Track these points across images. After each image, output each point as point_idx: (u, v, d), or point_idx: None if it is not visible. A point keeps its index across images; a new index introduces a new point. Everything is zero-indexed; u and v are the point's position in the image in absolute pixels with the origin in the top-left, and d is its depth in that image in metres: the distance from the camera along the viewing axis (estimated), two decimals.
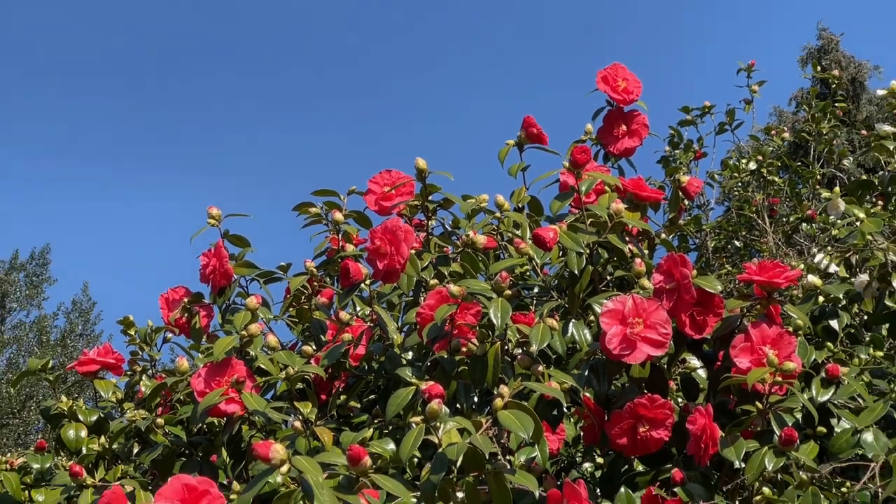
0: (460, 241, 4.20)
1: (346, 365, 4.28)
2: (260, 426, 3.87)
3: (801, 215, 6.69)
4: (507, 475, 3.33)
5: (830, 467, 3.44)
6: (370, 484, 3.14)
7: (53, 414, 4.95)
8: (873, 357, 4.21)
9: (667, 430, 3.72)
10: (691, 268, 3.87)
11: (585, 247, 4.03)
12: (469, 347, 3.82)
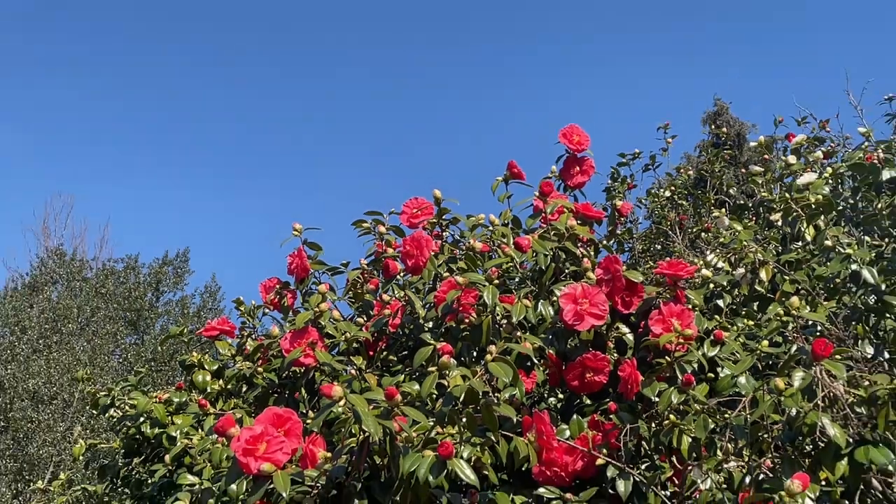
0: (465, 247, 4.34)
1: (386, 331, 4.48)
2: (327, 373, 3.96)
3: (700, 228, 6.72)
4: (494, 407, 3.41)
5: (716, 401, 3.51)
6: (401, 413, 3.21)
7: (188, 364, 5.29)
8: (746, 325, 4.27)
9: (605, 376, 4.01)
10: (622, 265, 4.22)
11: (550, 250, 4.25)
12: (470, 319, 3.98)
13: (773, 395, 3.42)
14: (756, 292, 4.75)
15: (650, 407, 3.84)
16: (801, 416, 3.34)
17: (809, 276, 4.96)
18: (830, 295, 4.87)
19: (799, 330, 4.25)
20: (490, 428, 3.68)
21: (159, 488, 4.97)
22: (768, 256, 4.98)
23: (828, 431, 3.29)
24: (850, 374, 3.50)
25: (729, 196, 8.73)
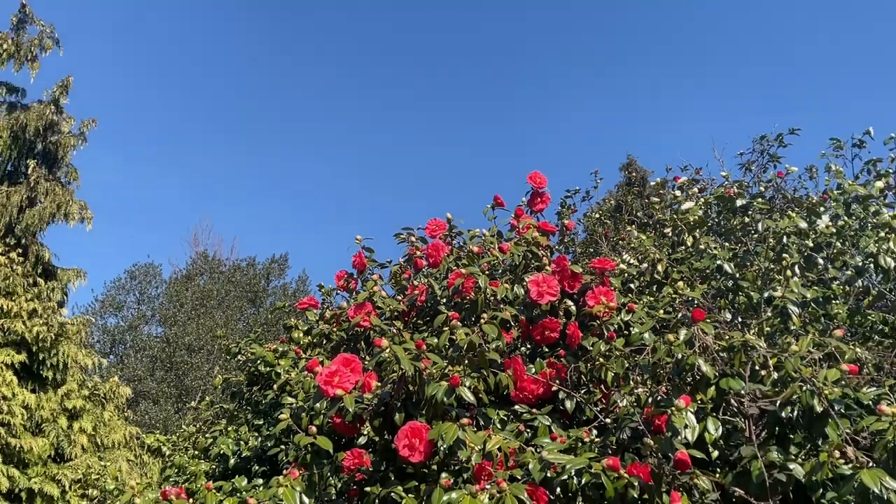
0: (466, 250, 4.30)
1: (416, 304, 4.46)
2: (378, 332, 3.94)
3: (618, 238, 6.66)
4: (486, 353, 3.45)
5: (629, 349, 3.48)
6: (426, 356, 3.39)
7: (288, 326, 5.40)
8: (649, 300, 4.26)
9: (557, 333, 4.01)
10: (568, 262, 4.26)
11: (521, 252, 4.31)
12: (470, 297, 3.99)
13: (667, 345, 3.41)
14: (655, 279, 4.76)
15: (587, 353, 3.82)
16: (684, 358, 3.34)
17: (689, 268, 4.96)
18: (703, 280, 4.87)
19: (683, 303, 4.25)
20: (483, 367, 3.68)
21: (269, 406, 5.03)
22: (662, 256, 4.98)
23: (702, 368, 3.28)
24: (717, 331, 3.51)
25: (637, 217, 8.71)
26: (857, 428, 2.97)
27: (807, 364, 3.27)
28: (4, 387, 9.01)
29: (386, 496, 3.41)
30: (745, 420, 3.23)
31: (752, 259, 5.16)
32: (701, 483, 3.09)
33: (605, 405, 3.66)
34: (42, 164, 10.87)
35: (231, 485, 3.92)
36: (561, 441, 3.34)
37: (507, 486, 3.06)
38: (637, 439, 3.32)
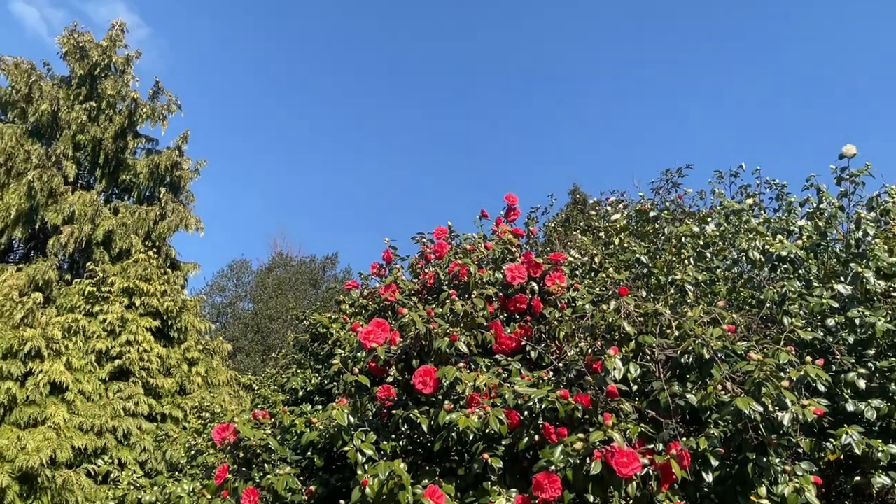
0: (462, 248, 4.28)
1: (427, 286, 4.39)
2: (400, 304, 3.89)
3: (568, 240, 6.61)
4: (475, 319, 3.30)
5: (575, 315, 3.49)
6: (434, 320, 3.38)
7: (338, 301, 5.36)
8: (589, 282, 4.20)
9: (525, 305, 3.96)
10: (532, 255, 4.12)
11: (500, 249, 4.19)
12: (464, 280, 3.97)
13: (601, 312, 3.40)
14: (592, 268, 4.72)
15: (546, 319, 3.79)
16: (613, 322, 3.33)
17: (617, 260, 4.94)
18: (626, 268, 4.84)
19: (612, 284, 4.23)
20: (473, 328, 3.67)
21: (325, 356, 5.02)
22: (598, 252, 4.96)
23: (626, 328, 3.27)
24: (636, 303, 3.49)
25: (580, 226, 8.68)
26: (733, 369, 2.96)
27: (698, 325, 3.26)
28: (145, 343, 9.03)
29: (406, 417, 3.40)
30: (655, 364, 3.22)
31: (660, 253, 5.15)
32: (625, 407, 3.09)
33: (558, 354, 3.63)
34: (169, 190, 10.87)
35: (300, 409, 3.91)
36: (528, 379, 3.34)
37: (490, 409, 3.06)
38: (581, 377, 3.31)
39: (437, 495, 2.87)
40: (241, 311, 29.05)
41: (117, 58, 11.32)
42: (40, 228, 9.94)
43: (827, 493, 3.55)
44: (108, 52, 11.02)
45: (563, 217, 10.03)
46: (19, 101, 10.68)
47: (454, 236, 4.72)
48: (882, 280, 4.03)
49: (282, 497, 3.37)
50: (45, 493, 7.34)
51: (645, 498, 2.65)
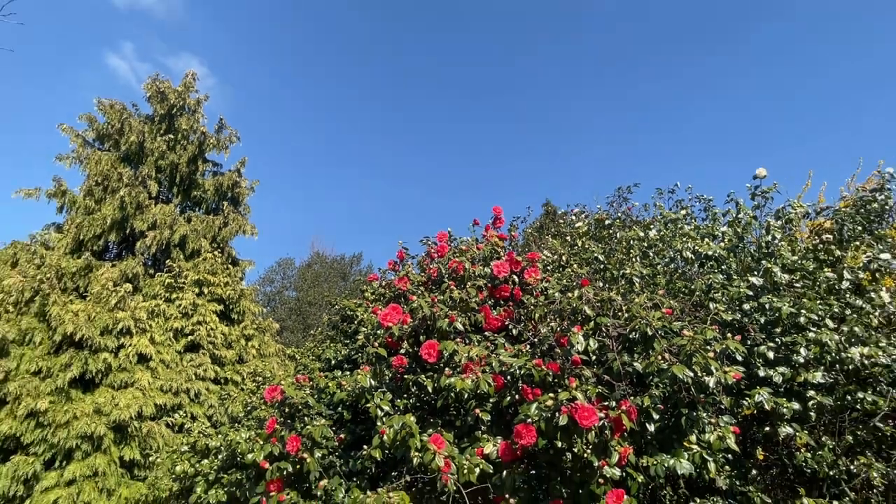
0: (459, 250, 4.19)
1: (431, 278, 4.33)
2: (411, 292, 3.89)
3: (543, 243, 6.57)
4: (469, 304, 3.26)
5: (548, 301, 3.45)
6: (437, 305, 3.17)
7: (362, 290, 5.23)
8: (558, 275, 4.17)
9: (508, 293, 3.96)
10: (514, 255, 4.06)
11: (489, 249, 4.15)
12: (461, 273, 4.01)
13: (567, 299, 3.38)
14: (561, 264, 4.69)
15: (524, 304, 3.76)
16: (577, 306, 3.31)
17: (580, 258, 4.92)
18: (587, 265, 4.82)
19: (576, 277, 4.22)
20: (468, 311, 3.66)
21: (352, 333, 4.96)
22: (565, 252, 4.94)
23: (586, 311, 3.26)
24: (594, 292, 3.48)
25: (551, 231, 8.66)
26: (670, 343, 2.96)
27: (643, 309, 3.25)
28: (212, 323, 8.99)
29: (415, 380, 3.40)
30: (610, 339, 3.21)
31: (614, 253, 5.13)
32: (586, 373, 3.08)
33: (534, 332, 3.62)
34: (230, 204, 10.83)
35: (332, 374, 3.90)
36: (510, 351, 3.33)
37: (480, 374, 3.05)
38: (551, 350, 3.31)
39: (439, 441, 2.87)
40: (286, 297, 28.94)
41: (190, 100, 11.29)
42: (130, 233, 9.92)
43: (743, 440, 3.55)
44: (182, 96, 11.00)
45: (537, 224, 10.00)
46: (113, 133, 10.66)
47: (453, 239, 4.71)
48: (786, 274, 4.02)
49: (318, 443, 3.37)
50: (134, 440, 7.33)
51: (601, 444, 2.65)
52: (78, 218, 9.36)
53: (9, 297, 7.89)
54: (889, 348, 3.52)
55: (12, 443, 6.77)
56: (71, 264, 8.67)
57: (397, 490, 2.89)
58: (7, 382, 7.04)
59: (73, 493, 6.48)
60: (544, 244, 5.76)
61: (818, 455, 3.34)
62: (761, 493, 3.22)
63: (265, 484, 3.34)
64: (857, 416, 3.57)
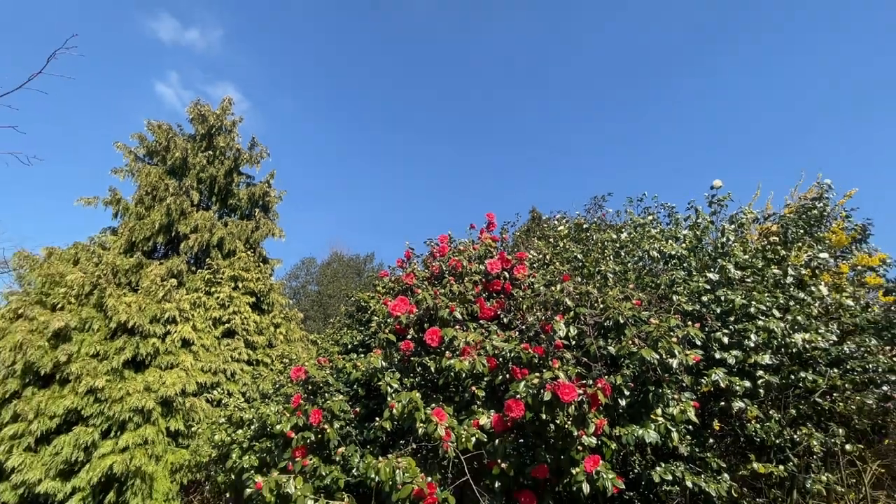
0: (457, 250, 4.14)
1: (434, 274, 4.28)
2: (416, 286, 3.84)
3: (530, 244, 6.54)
4: (466, 296, 3.24)
5: (534, 294, 3.48)
6: (440, 297, 3.06)
7: (375, 284, 5.05)
8: (543, 272, 4.16)
9: (500, 287, 3.92)
10: (505, 254, 4.03)
11: (483, 250, 4.15)
12: (459, 270, 3.99)
13: (551, 292, 3.38)
14: (545, 262, 4.67)
15: (514, 297, 3.75)
16: (559, 298, 3.31)
17: (561, 257, 4.91)
18: (567, 262, 4.82)
19: (558, 273, 4.22)
20: (465, 303, 3.64)
21: (366, 321, 4.92)
22: (549, 251, 4.93)
23: (567, 303, 3.25)
24: (574, 286, 3.47)
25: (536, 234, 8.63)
26: (639, 330, 2.96)
27: (616, 300, 3.25)
28: (245, 313, 8.98)
29: (420, 362, 3.39)
30: (587, 327, 3.21)
31: (590, 253, 5.12)
32: (566, 356, 3.08)
33: (522, 320, 3.62)
34: (261, 210, 10.82)
35: (349, 357, 3.90)
36: (501, 336, 3.31)
37: (476, 357, 3.05)
38: (537, 336, 3.30)
39: (441, 414, 2.86)
40: (309, 291, 28.82)
41: (226, 121, 11.28)
42: (175, 236, 9.91)
43: (702, 414, 3.54)
44: (220, 118, 11.00)
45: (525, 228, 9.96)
46: (161, 150, 10.66)
47: (452, 241, 4.68)
48: (739, 270, 4.02)
49: (337, 415, 3.37)
50: (178, 413, 7.32)
51: (580, 416, 2.65)
52: (130, 223, 9.37)
53: (71, 291, 7.89)
54: (827, 334, 3.53)
55: (74, 415, 6.76)
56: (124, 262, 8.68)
57: (405, 456, 2.89)
58: (70, 364, 7.04)
59: (126, 459, 6.48)
60: (531, 245, 5.76)
61: (766, 426, 3.34)
62: (717, 459, 3.22)
63: (291, 450, 3.34)
64: (800, 393, 3.59)
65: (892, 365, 3.46)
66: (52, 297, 7.88)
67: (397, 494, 2.60)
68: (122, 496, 6.48)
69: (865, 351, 3.58)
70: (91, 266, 8.41)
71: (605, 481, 2.52)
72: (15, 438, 6.43)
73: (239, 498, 4.45)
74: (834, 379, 3.43)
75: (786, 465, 3.35)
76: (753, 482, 3.56)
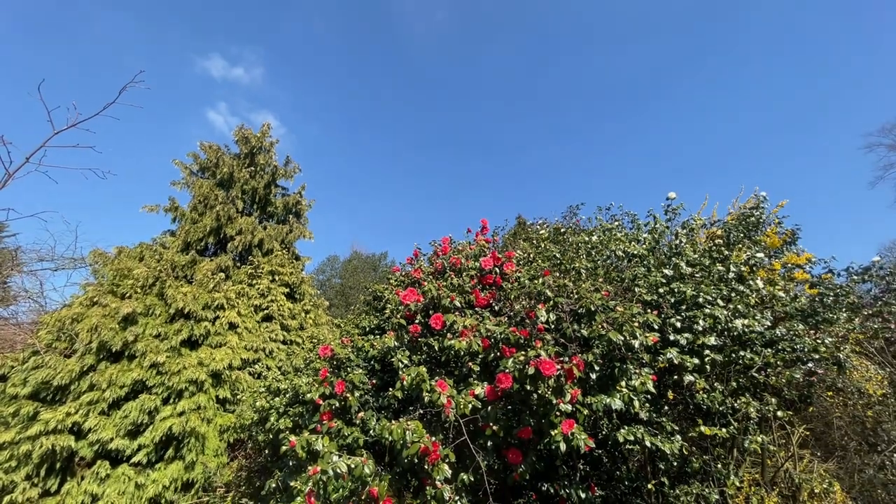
0: (457, 249, 4.10)
1: (437, 269, 4.21)
2: (423, 280, 3.79)
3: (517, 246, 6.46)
4: (464, 287, 3.21)
5: (520, 286, 3.40)
6: (442, 289, 3.02)
7: (388, 278, 4.86)
8: (529, 268, 4.11)
9: (492, 280, 3.87)
10: (496, 253, 3.97)
11: (478, 249, 4.07)
12: (458, 266, 3.91)
13: (534, 284, 3.38)
14: (529, 260, 4.61)
15: (503, 289, 3.74)
16: (541, 290, 3.30)
17: (542, 256, 4.88)
18: (548, 260, 4.79)
19: (540, 269, 4.19)
20: (463, 293, 3.64)
21: (381, 308, 4.85)
22: (532, 251, 4.90)
23: (547, 293, 3.24)
24: (553, 279, 3.46)
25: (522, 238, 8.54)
26: (608, 316, 2.96)
27: (588, 292, 3.24)
28: (281, 301, 8.99)
29: (426, 342, 3.39)
30: (564, 313, 3.21)
31: (567, 252, 5.10)
32: (547, 337, 3.07)
33: (510, 308, 3.62)
34: (294, 216, 10.82)
35: (367, 338, 3.89)
36: (493, 321, 3.32)
37: (472, 338, 3.05)
38: (523, 321, 3.30)
39: (443, 385, 2.87)
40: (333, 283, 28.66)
41: (266, 143, 11.30)
42: (223, 237, 9.92)
43: (659, 385, 3.53)
44: (260, 140, 11.02)
45: (513, 232, 9.92)
46: (211, 166, 10.69)
47: (453, 242, 4.65)
48: (689, 267, 4.01)
49: (357, 386, 3.37)
50: (226, 384, 7.34)
51: (558, 387, 2.65)
52: (186, 226, 9.41)
53: (137, 283, 7.91)
54: (762, 320, 3.52)
55: (140, 386, 6.78)
56: (181, 259, 8.70)
57: (413, 420, 2.90)
58: (136, 343, 7.06)
59: (182, 421, 6.49)
60: (517, 246, 5.71)
61: (712, 396, 3.34)
62: (671, 423, 3.21)
63: (319, 415, 3.34)
64: (739, 369, 3.57)
65: (816, 346, 3.46)
66: (121, 288, 7.90)
67: (407, 451, 2.61)
68: (180, 451, 6.50)
69: (794, 334, 3.58)
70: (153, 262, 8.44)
71: (578, 441, 2.53)
72: (91, 404, 6.46)
73: (276, 453, 4.45)
74: (768, 357, 3.42)
75: (728, 428, 3.34)
76: (701, 442, 3.56)
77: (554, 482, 3.03)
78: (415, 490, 2.88)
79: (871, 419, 3.93)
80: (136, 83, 2.34)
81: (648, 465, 3.46)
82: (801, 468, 3.68)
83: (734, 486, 3.29)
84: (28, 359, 6.60)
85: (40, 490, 5.58)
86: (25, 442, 5.78)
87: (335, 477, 2.55)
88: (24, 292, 9.61)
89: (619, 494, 3.36)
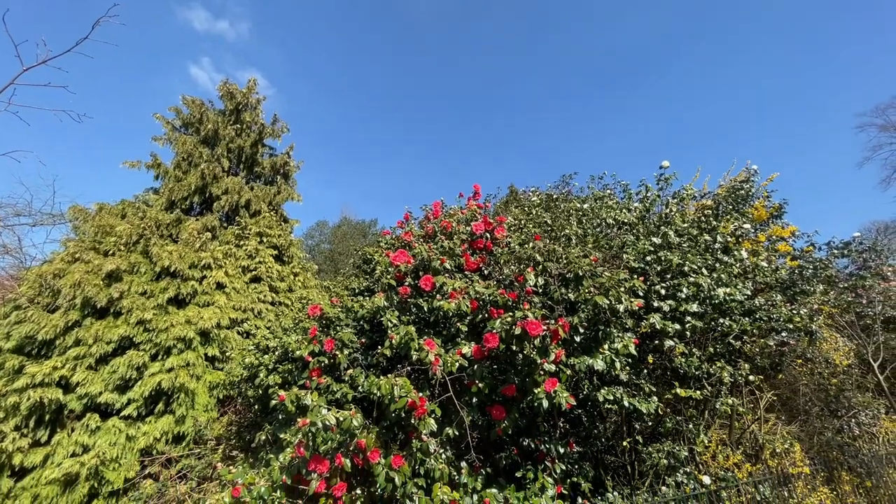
0: (448, 213, 4.06)
1: (428, 233, 4.19)
2: (414, 242, 3.76)
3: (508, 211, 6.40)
4: (454, 251, 3.20)
5: (510, 251, 3.39)
6: (432, 252, 3.03)
7: (378, 241, 4.86)
8: (519, 233, 4.09)
9: (482, 245, 3.86)
10: (488, 218, 3.90)
11: (470, 214, 4.10)
12: (450, 230, 3.93)
13: (524, 249, 3.37)
14: (520, 225, 4.60)
15: (493, 253, 3.73)
16: (531, 255, 3.30)
17: (534, 222, 4.84)
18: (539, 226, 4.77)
19: (531, 234, 4.18)
20: (453, 257, 3.59)
21: (370, 270, 4.86)
22: (524, 217, 4.86)
23: (537, 258, 3.24)
24: (543, 244, 3.45)
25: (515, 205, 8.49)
26: (595, 281, 2.98)
27: (577, 257, 3.25)
28: (269, 263, 8.91)
29: (416, 302, 3.39)
30: (552, 278, 3.23)
31: (558, 219, 5.09)
32: (535, 300, 3.10)
33: (500, 273, 3.63)
34: (282, 177, 10.53)
35: (356, 299, 3.88)
36: (483, 284, 3.33)
37: (461, 299, 3.06)
38: (511, 284, 3.31)
39: (431, 344, 2.90)
40: (322, 249, 28.39)
41: (252, 99, 10.79)
42: (208, 197, 9.65)
43: (640, 349, 3.63)
44: (246, 96, 10.52)
45: (504, 200, 9.83)
46: (195, 122, 10.23)
47: (444, 206, 4.59)
48: (678, 237, 4.04)
49: (346, 344, 3.40)
50: (214, 342, 7.36)
51: (543, 348, 2.70)
52: (170, 184, 9.09)
53: (120, 240, 7.72)
54: (743, 290, 3.60)
55: (127, 342, 6.75)
56: (166, 217, 8.47)
57: (401, 376, 2.95)
58: (122, 300, 6.97)
59: (171, 377, 6.53)
60: (509, 213, 5.65)
61: (689, 360, 3.45)
62: (649, 385, 3.33)
63: (309, 371, 3.38)
64: (717, 336, 3.69)
65: (791, 316, 3.56)
66: (104, 245, 7.70)
67: (395, 405, 2.66)
68: (170, 406, 6.59)
69: (771, 305, 3.68)
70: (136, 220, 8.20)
71: (560, 399, 2.60)
72: (78, 359, 6.44)
73: (265, 409, 4.53)
74: (745, 325, 3.52)
75: (702, 391, 3.48)
76: (675, 404, 3.70)
77: (535, 438, 3.15)
78: (401, 443, 2.97)
79: (834, 387, 4.15)
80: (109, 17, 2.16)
81: (625, 425, 3.61)
82: (765, 430, 3.89)
83: (703, 445, 3.47)
84: (10, 313, 6.49)
85: (30, 440, 5.63)
86: (13, 394, 5.78)
87: (324, 429, 2.61)
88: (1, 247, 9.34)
89: (596, 451, 3.52)
